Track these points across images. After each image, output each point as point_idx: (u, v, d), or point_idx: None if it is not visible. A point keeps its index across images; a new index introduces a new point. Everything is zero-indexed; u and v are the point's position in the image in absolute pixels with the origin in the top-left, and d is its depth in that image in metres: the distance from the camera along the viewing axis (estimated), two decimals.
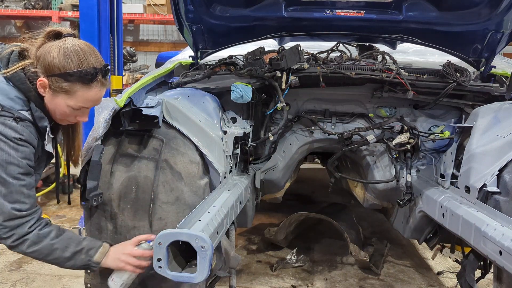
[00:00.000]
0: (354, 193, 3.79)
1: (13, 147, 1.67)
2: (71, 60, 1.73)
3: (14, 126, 1.68)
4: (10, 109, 1.70)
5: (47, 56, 1.73)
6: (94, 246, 1.84)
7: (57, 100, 1.78)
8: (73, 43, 1.76)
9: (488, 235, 1.91)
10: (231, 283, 2.61)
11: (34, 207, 1.75)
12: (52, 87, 1.75)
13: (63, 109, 1.80)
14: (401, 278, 3.68)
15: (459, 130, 2.72)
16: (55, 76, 1.73)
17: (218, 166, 2.31)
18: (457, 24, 3.00)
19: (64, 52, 1.73)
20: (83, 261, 1.81)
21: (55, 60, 1.72)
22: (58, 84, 1.74)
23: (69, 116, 1.84)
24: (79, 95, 1.77)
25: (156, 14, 10.57)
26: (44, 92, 1.76)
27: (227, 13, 3.06)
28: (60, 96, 1.76)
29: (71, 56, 1.73)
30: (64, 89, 1.75)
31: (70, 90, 1.75)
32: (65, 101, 1.77)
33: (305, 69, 2.81)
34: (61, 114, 1.83)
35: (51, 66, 1.73)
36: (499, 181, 2.19)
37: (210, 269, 1.68)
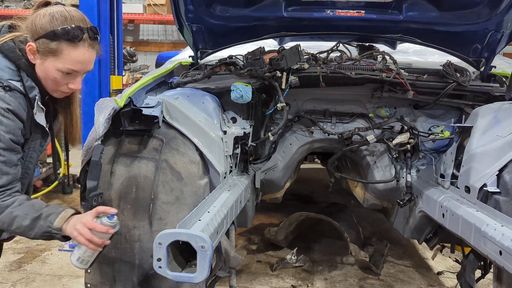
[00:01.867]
0: (354, 193, 3.79)
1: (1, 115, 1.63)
2: (56, 19, 1.73)
3: (1, 96, 1.64)
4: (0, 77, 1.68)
5: (34, 21, 1.74)
6: (54, 211, 1.73)
7: (46, 65, 1.74)
8: (60, 8, 1.77)
9: (488, 235, 1.91)
10: (231, 283, 2.61)
11: (9, 184, 1.69)
12: (40, 50, 1.72)
13: (53, 74, 1.76)
14: (401, 278, 3.68)
15: (459, 130, 2.72)
16: (42, 38, 1.72)
17: (218, 166, 2.31)
18: (457, 24, 3.00)
19: (50, 14, 1.73)
20: (43, 228, 1.70)
21: (41, 22, 1.72)
22: (45, 45, 1.72)
23: (61, 84, 1.80)
24: (66, 54, 1.74)
25: (156, 14, 10.57)
26: (34, 58, 1.74)
27: (227, 13, 3.06)
28: (49, 59, 1.74)
29: (56, 16, 1.73)
30: (51, 49, 1.72)
31: (57, 50, 1.73)
32: (53, 64, 1.74)
33: (305, 69, 2.81)
34: (52, 82, 1.78)
35: (37, 28, 1.72)
36: (499, 181, 2.19)
37: (210, 269, 1.68)
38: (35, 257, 3.89)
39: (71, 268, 3.70)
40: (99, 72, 4.29)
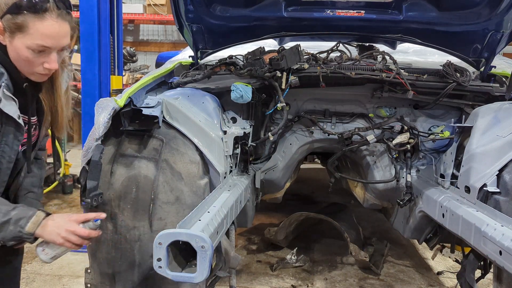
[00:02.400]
0: (354, 193, 3.79)
1: None
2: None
3: None
4: None
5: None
6: (24, 215, 1.64)
7: (15, 43, 1.63)
8: None
9: (488, 235, 1.91)
10: (231, 283, 2.61)
11: None
12: (6, 28, 1.61)
13: (24, 52, 1.63)
14: (401, 278, 3.68)
15: (459, 130, 2.72)
16: (6, 14, 1.61)
17: (218, 166, 2.31)
18: (457, 24, 3.00)
19: None
20: (13, 233, 1.62)
21: None
22: (10, 21, 1.61)
23: (35, 64, 1.67)
24: (32, 28, 1.61)
25: (156, 14, 10.57)
26: (3, 39, 1.64)
27: (227, 13, 3.06)
28: (16, 36, 1.62)
29: None
30: (17, 25, 1.61)
31: (23, 25, 1.61)
32: (22, 41, 1.62)
33: (305, 69, 2.81)
34: (25, 63, 1.66)
35: (1, 5, 1.61)
36: (499, 181, 2.19)
37: (210, 269, 1.68)
38: (35, 257, 3.89)
39: (71, 268, 3.70)
40: (99, 72, 4.28)
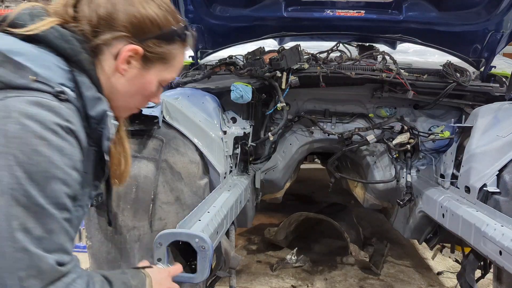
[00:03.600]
0: (354, 193, 3.79)
1: (57, 146, 0.96)
2: (165, 9, 1.17)
3: (55, 107, 0.98)
4: (49, 79, 1.01)
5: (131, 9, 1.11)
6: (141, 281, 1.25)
7: (149, 76, 1.19)
8: None
9: (488, 235, 1.91)
10: (231, 283, 2.61)
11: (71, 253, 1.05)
12: (149, 56, 1.16)
13: (151, 87, 1.22)
14: (401, 278, 3.68)
15: (459, 130, 2.73)
16: (152, 38, 1.15)
17: (218, 166, 2.31)
18: (457, 24, 3.00)
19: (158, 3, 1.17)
20: None
21: (148, 12, 1.13)
22: (156, 49, 1.16)
23: (146, 101, 1.27)
24: (176, 61, 1.23)
25: None
26: (127, 68, 1.15)
27: (227, 13, 3.06)
28: (154, 68, 1.19)
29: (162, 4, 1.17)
30: (164, 55, 1.19)
31: (171, 56, 1.20)
32: (158, 75, 1.21)
33: (305, 69, 2.81)
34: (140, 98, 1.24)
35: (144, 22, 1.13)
36: (499, 181, 2.19)
37: (210, 269, 1.68)
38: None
39: None
40: None
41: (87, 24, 1.10)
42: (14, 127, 0.92)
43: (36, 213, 0.93)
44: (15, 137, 0.92)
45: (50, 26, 1.07)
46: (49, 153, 0.95)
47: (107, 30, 1.11)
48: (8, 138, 0.92)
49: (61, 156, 0.97)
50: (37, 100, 0.96)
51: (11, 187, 0.91)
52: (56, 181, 0.96)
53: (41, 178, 0.94)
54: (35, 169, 0.93)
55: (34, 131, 0.93)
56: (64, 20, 1.11)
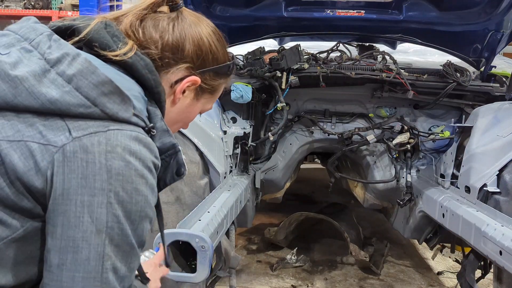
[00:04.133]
0: (354, 193, 3.79)
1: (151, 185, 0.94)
2: (223, 46, 1.17)
3: (151, 144, 0.96)
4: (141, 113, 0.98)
5: (197, 40, 1.09)
6: None
7: (195, 106, 1.18)
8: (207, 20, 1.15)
9: (488, 235, 1.91)
10: (231, 283, 2.61)
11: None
12: (202, 87, 1.14)
13: (193, 117, 1.22)
14: (401, 278, 3.68)
15: (459, 130, 2.72)
16: (210, 72, 1.14)
17: (218, 166, 2.31)
18: (457, 24, 3.00)
19: (217, 36, 1.15)
20: None
21: (213, 46, 1.12)
22: (212, 82, 1.16)
23: (179, 128, 1.27)
24: (220, 92, 1.23)
25: None
26: (181, 97, 1.12)
27: (227, 13, 3.06)
28: (203, 98, 1.17)
29: (222, 42, 1.17)
30: (214, 87, 1.18)
31: (218, 88, 1.20)
32: (204, 105, 1.20)
33: (305, 69, 2.81)
34: (179, 126, 1.23)
35: (207, 55, 1.11)
36: (499, 181, 2.19)
37: (210, 269, 1.68)
38: None
39: None
40: None
41: (155, 50, 1.05)
42: (119, 163, 0.88)
43: (126, 252, 0.91)
44: (118, 174, 0.88)
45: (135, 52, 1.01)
46: (146, 192, 0.92)
47: (173, 59, 1.07)
48: (112, 175, 0.87)
49: (152, 195, 0.95)
50: (137, 136, 0.92)
51: (110, 225, 0.87)
52: (146, 220, 0.94)
53: (137, 217, 0.91)
54: (134, 208, 0.90)
55: (136, 169, 0.90)
56: (137, 43, 1.04)
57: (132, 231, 0.91)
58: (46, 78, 0.90)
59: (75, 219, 0.86)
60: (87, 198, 0.86)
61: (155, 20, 1.07)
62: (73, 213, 0.86)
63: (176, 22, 1.08)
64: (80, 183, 0.86)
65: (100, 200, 0.87)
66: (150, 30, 1.05)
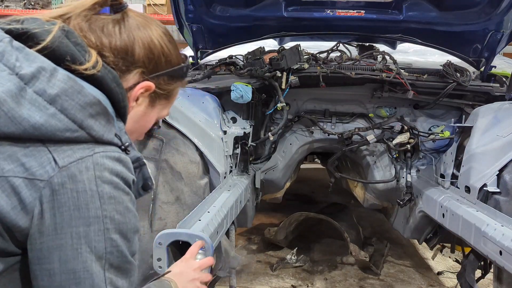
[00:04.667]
0: (354, 193, 3.79)
1: (133, 200, 0.95)
2: (176, 48, 1.10)
3: (129, 163, 0.95)
4: (118, 131, 0.97)
5: (148, 43, 1.02)
6: None
7: (151, 114, 1.12)
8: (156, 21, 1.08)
9: (488, 235, 1.91)
10: (231, 283, 2.61)
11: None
12: (157, 92, 1.08)
13: (149, 125, 1.15)
14: (401, 278, 3.68)
15: (459, 130, 2.72)
16: (165, 76, 1.07)
17: (218, 166, 2.31)
18: (457, 24, 3.00)
19: (169, 38, 1.08)
20: None
21: (165, 49, 1.05)
22: (166, 86, 1.09)
23: (136, 139, 1.19)
24: (176, 97, 1.17)
25: (156, 14, 10.57)
26: (135, 104, 1.06)
27: (227, 13, 3.06)
28: (159, 104, 1.11)
29: (174, 43, 1.10)
30: (169, 92, 1.11)
31: (174, 93, 1.14)
32: (159, 112, 1.14)
33: (305, 69, 2.81)
34: (135, 136, 1.16)
35: (159, 58, 1.05)
36: (499, 181, 2.19)
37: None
38: None
39: None
40: None
41: (111, 57, 0.98)
42: (109, 186, 0.86)
43: (126, 269, 0.91)
44: (110, 197, 0.86)
45: (101, 63, 0.94)
46: (133, 208, 0.92)
47: (124, 65, 1.00)
48: (105, 200, 0.86)
49: (135, 209, 0.94)
50: (119, 157, 0.90)
51: (109, 250, 0.87)
52: (136, 233, 0.94)
53: (131, 234, 0.91)
54: (128, 227, 0.90)
55: (123, 189, 0.89)
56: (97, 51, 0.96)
57: (128, 248, 0.91)
58: (24, 99, 0.81)
59: (73, 252, 0.83)
60: (82, 229, 0.84)
61: (100, 22, 0.99)
62: (69, 246, 0.83)
63: (122, 25, 1.01)
64: (73, 215, 0.83)
65: (96, 228, 0.85)
66: (99, 34, 0.98)
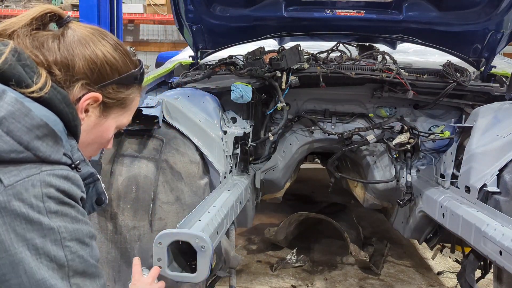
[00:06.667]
0: (354, 193, 3.79)
1: (83, 212, 0.99)
2: (122, 52, 1.11)
3: (78, 180, 0.98)
4: (68, 150, 0.99)
5: (89, 54, 1.04)
6: None
7: (106, 124, 1.13)
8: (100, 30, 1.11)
9: (488, 235, 1.91)
10: (231, 283, 2.61)
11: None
12: (107, 102, 1.09)
13: (109, 134, 1.16)
14: (401, 278, 3.68)
15: (459, 130, 2.72)
16: (113, 84, 1.08)
17: (218, 166, 2.31)
18: (457, 24, 3.00)
19: (115, 46, 1.10)
20: None
21: (108, 57, 1.07)
22: (116, 94, 1.10)
23: (98, 149, 1.22)
24: (132, 105, 1.17)
25: (156, 14, 10.57)
26: (84, 118, 1.07)
27: (227, 13, 3.06)
28: (113, 113, 1.12)
29: (118, 47, 1.11)
30: (122, 100, 1.12)
31: (128, 100, 1.14)
32: (117, 120, 1.15)
33: (305, 69, 2.81)
34: (97, 147, 1.19)
35: (103, 68, 1.06)
36: (499, 181, 2.19)
37: (210, 269, 1.68)
38: None
39: None
40: None
41: (58, 73, 1.01)
42: (55, 202, 0.90)
43: (92, 274, 0.95)
44: (57, 212, 0.90)
45: (50, 85, 0.97)
46: (81, 217, 0.95)
47: (67, 79, 1.02)
48: (51, 214, 0.89)
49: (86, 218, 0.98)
50: (67, 175, 0.94)
51: (69, 258, 0.91)
52: (93, 239, 0.98)
53: (87, 240, 0.95)
54: (82, 233, 0.94)
55: (70, 203, 0.93)
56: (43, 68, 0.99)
57: (89, 253, 0.95)
58: None
59: (35, 263, 0.86)
60: (39, 240, 0.87)
61: (41, 38, 1.02)
62: (30, 258, 0.86)
63: (62, 39, 1.03)
64: (26, 228, 0.86)
65: (52, 238, 0.88)
66: (43, 51, 1.01)
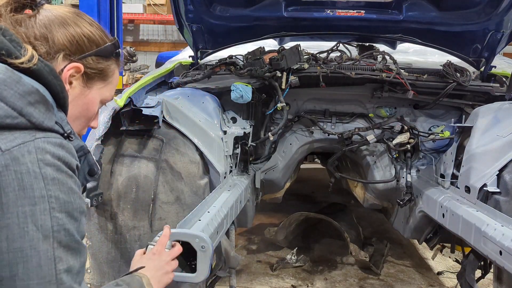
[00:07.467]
0: (354, 193, 3.79)
1: (78, 183, 1.01)
2: (98, 27, 1.19)
3: (71, 149, 1.01)
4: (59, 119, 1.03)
5: (65, 27, 1.11)
6: None
7: (91, 95, 1.17)
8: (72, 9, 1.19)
9: (488, 235, 1.91)
10: (231, 283, 2.61)
11: None
12: (89, 73, 1.15)
13: (94, 107, 1.21)
14: (401, 278, 3.68)
15: (459, 130, 2.72)
16: (92, 55, 1.14)
17: (218, 166, 2.31)
18: (457, 24, 3.00)
19: (89, 21, 1.17)
20: None
21: (86, 30, 1.14)
22: (96, 65, 1.16)
23: (87, 124, 1.25)
24: (113, 77, 1.22)
25: (156, 14, 10.59)
26: (70, 87, 1.13)
27: (227, 13, 3.06)
28: (96, 85, 1.17)
29: (96, 25, 1.19)
30: (102, 71, 1.18)
31: (108, 72, 1.20)
32: (100, 92, 1.19)
33: (305, 69, 2.81)
34: (84, 121, 1.21)
35: (82, 40, 1.12)
36: (499, 181, 2.19)
37: (210, 269, 1.68)
38: None
39: None
40: None
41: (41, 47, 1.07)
42: (51, 169, 0.92)
43: (75, 249, 0.96)
44: (54, 179, 0.92)
45: (37, 57, 1.02)
46: (77, 189, 0.98)
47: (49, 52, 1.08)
48: (48, 181, 0.91)
49: (80, 192, 1.00)
50: (61, 143, 0.96)
51: (55, 229, 0.91)
52: (83, 215, 1.00)
53: (78, 214, 0.97)
54: (73, 207, 0.95)
55: (66, 171, 0.95)
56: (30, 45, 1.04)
57: (76, 228, 0.96)
58: None
59: (20, 230, 0.87)
60: (28, 208, 0.88)
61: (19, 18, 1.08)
62: (16, 225, 0.87)
63: (38, 17, 1.09)
64: (18, 195, 0.88)
65: (42, 207, 0.90)
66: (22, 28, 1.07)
